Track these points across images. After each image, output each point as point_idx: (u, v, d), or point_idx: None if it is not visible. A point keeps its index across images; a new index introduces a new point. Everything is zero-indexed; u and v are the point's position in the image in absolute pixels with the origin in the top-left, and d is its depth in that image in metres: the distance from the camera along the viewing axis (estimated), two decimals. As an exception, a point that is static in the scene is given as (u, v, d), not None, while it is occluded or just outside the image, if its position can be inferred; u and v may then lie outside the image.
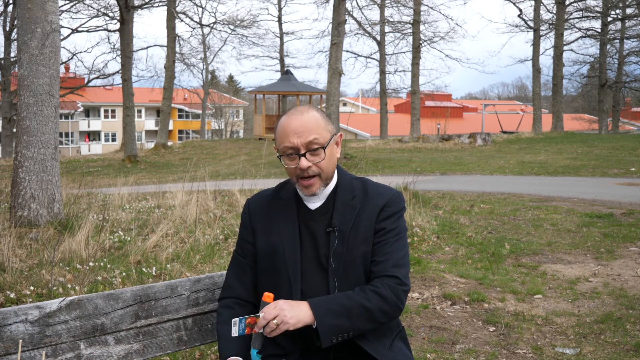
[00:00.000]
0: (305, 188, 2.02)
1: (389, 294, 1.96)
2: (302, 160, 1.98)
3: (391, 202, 2.06)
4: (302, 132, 1.97)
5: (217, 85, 57.61)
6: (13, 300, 4.18)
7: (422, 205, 8.06)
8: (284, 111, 25.43)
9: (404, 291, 2.00)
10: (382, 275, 1.99)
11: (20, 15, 6.93)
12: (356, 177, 2.15)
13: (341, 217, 2.04)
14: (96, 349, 2.01)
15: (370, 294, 1.95)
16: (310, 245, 2.05)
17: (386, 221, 2.04)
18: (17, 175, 6.74)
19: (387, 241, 2.02)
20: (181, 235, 6.38)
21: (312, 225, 2.06)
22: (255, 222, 2.14)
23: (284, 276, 2.03)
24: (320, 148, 1.99)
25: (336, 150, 2.09)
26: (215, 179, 11.30)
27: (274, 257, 2.06)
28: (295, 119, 2.00)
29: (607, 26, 33.74)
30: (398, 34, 33.54)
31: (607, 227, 7.40)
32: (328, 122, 2.06)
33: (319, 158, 1.99)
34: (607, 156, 18.11)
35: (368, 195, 2.08)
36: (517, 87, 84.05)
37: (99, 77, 30.16)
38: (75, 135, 60.33)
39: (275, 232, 2.08)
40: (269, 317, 1.86)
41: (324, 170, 2.01)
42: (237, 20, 34.63)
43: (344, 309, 1.91)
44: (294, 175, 2.03)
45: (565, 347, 3.86)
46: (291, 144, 1.98)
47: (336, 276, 2.00)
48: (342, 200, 2.06)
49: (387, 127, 32.37)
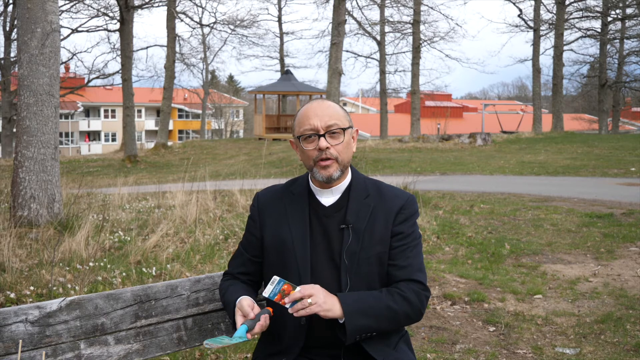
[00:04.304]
0: (322, 169, 2.02)
1: (415, 299, 1.99)
2: (322, 140, 2.00)
3: (407, 205, 2.09)
4: (324, 116, 2.02)
5: (217, 85, 57.63)
6: (13, 300, 4.18)
7: (422, 205, 8.06)
8: (284, 110, 25.36)
9: (426, 297, 2.03)
10: (408, 280, 2.01)
11: (20, 15, 6.92)
12: (368, 177, 2.17)
13: (356, 215, 2.04)
14: (96, 349, 2.01)
15: (397, 297, 1.97)
16: (322, 240, 2.05)
17: (403, 225, 2.06)
18: (17, 175, 6.74)
19: (407, 245, 2.05)
20: (181, 235, 6.38)
21: (325, 221, 2.07)
22: (264, 216, 2.14)
23: (294, 271, 2.03)
24: (340, 130, 2.02)
25: (352, 143, 2.11)
26: (215, 179, 11.30)
27: (283, 251, 2.06)
28: (318, 105, 2.07)
29: (607, 26, 33.73)
30: (398, 34, 33.53)
31: (607, 227, 7.40)
32: (346, 115, 2.11)
33: (338, 141, 2.02)
34: (607, 156, 18.10)
35: (383, 195, 2.09)
36: (517, 87, 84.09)
37: (99, 77, 30.15)
38: (75, 135, 60.33)
39: (285, 226, 2.08)
40: (305, 292, 1.87)
41: (341, 154, 2.03)
42: (237, 20, 34.59)
43: (372, 310, 1.93)
44: (311, 160, 2.04)
45: (565, 347, 3.87)
46: (311, 126, 2.01)
47: (349, 274, 2.00)
48: (356, 197, 2.07)
49: (387, 127, 32.36)
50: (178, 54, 30.33)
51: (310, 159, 2.04)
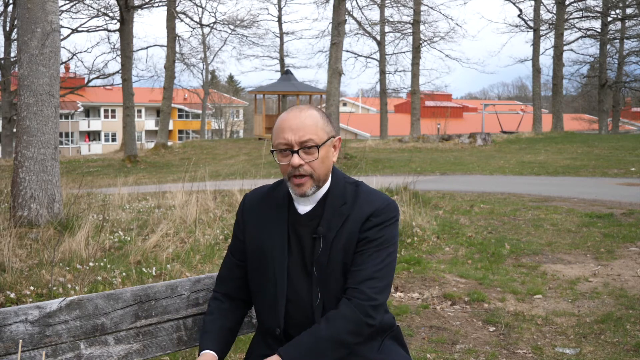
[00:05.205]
0: (296, 187, 1.96)
1: (353, 313, 1.89)
2: (295, 157, 1.92)
3: (379, 212, 1.97)
4: (298, 130, 1.93)
5: (217, 85, 57.61)
6: (13, 300, 4.18)
7: (422, 205, 8.06)
8: (284, 110, 25.43)
9: (372, 306, 1.91)
10: (349, 289, 1.93)
11: (20, 15, 6.93)
12: (352, 181, 2.07)
13: (328, 224, 1.98)
14: (96, 349, 2.01)
15: (335, 321, 1.89)
16: (297, 250, 2.01)
17: (370, 231, 1.96)
18: (17, 175, 6.74)
19: (365, 252, 1.95)
20: (181, 235, 6.38)
21: (300, 230, 2.01)
22: (247, 219, 2.12)
23: (271, 279, 2.01)
24: (314, 147, 1.93)
25: (333, 153, 2.02)
26: (215, 179, 11.29)
27: (262, 258, 2.04)
28: (293, 116, 1.96)
29: (607, 26, 33.74)
30: (398, 34, 33.56)
31: (607, 227, 7.40)
32: (327, 124, 2.00)
33: (312, 157, 1.94)
34: (607, 156, 18.10)
35: (357, 202, 2.00)
36: (517, 87, 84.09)
37: (99, 77, 30.15)
38: (75, 135, 60.33)
39: (265, 232, 2.05)
40: None
41: (316, 170, 1.95)
42: (237, 20, 34.58)
43: (313, 352, 1.86)
44: (286, 173, 1.98)
45: (565, 347, 3.87)
46: (285, 140, 1.94)
47: (319, 284, 1.97)
48: (332, 206, 2.00)
49: (387, 127, 32.36)
50: (178, 54, 30.31)
51: (284, 172, 1.98)
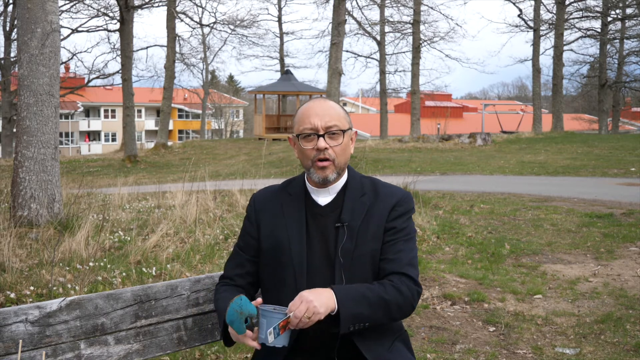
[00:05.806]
0: (319, 170, 2.04)
1: (406, 290, 1.98)
2: (321, 140, 2.02)
3: (402, 202, 2.10)
4: (324, 116, 2.04)
5: (217, 85, 57.61)
6: (13, 300, 4.18)
7: (422, 205, 8.06)
8: (284, 110, 25.36)
9: (417, 292, 2.02)
10: (397, 273, 2.01)
11: (20, 15, 6.92)
12: (365, 176, 2.18)
13: (351, 213, 2.06)
14: (96, 349, 2.01)
15: (389, 288, 1.97)
16: (318, 240, 2.06)
17: (397, 220, 2.07)
18: (17, 175, 6.74)
19: (398, 240, 2.05)
20: (181, 235, 6.38)
21: (321, 221, 2.08)
22: (260, 217, 2.15)
23: (290, 271, 2.04)
24: (339, 132, 2.04)
25: (351, 145, 2.13)
26: (215, 179, 11.29)
27: (279, 252, 2.07)
28: (319, 104, 2.08)
29: (607, 26, 33.73)
30: (398, 34, 33.52)
31: (607, 227, 7.40)
32: (347, 116, 2.12)
33: (337, 142, 2.04)
34: (607, 156, 18.10)
35: (379, 193, 2.11)
36: (517, 87, 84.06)
37: (99, 77, 30.13)
38: (75, 135, 60.33)
39: (281, 226, 2.09)
40: (300, 314, 1.83)
41: (338, 156, 2.04)
42: (237, 20, 34.58)
43: (365, 299, 1.92)
44: (309, 159, 2.05)
45: (565, 347, 3.87)
46: (311, 125, 2.03)
47: (344, 271, 2.01)
48: (352, 196, 2.09)
49: (387, 127, 32.34)
50: (178, 54, 30.31)
51: (307, 158, 2.06)
